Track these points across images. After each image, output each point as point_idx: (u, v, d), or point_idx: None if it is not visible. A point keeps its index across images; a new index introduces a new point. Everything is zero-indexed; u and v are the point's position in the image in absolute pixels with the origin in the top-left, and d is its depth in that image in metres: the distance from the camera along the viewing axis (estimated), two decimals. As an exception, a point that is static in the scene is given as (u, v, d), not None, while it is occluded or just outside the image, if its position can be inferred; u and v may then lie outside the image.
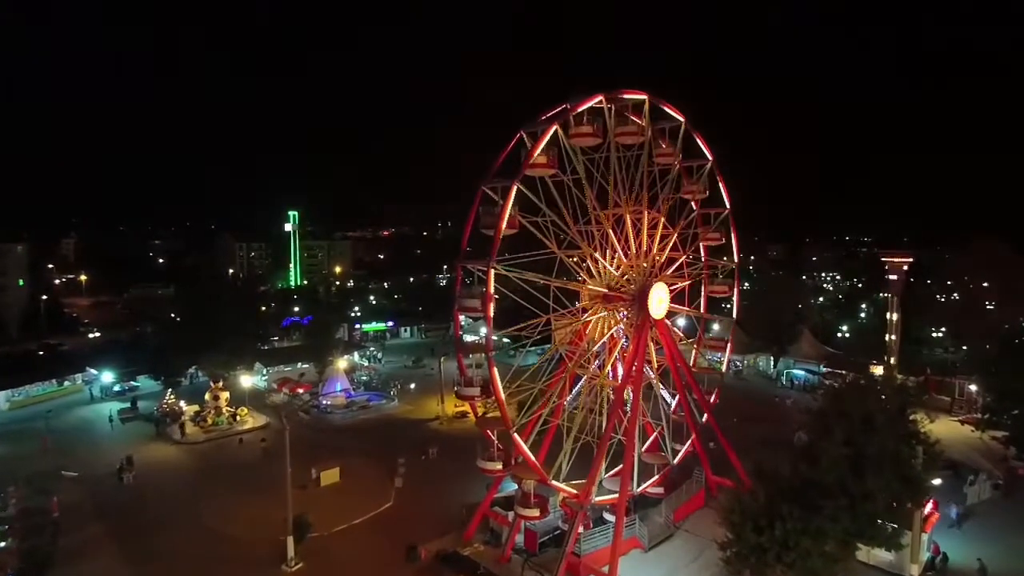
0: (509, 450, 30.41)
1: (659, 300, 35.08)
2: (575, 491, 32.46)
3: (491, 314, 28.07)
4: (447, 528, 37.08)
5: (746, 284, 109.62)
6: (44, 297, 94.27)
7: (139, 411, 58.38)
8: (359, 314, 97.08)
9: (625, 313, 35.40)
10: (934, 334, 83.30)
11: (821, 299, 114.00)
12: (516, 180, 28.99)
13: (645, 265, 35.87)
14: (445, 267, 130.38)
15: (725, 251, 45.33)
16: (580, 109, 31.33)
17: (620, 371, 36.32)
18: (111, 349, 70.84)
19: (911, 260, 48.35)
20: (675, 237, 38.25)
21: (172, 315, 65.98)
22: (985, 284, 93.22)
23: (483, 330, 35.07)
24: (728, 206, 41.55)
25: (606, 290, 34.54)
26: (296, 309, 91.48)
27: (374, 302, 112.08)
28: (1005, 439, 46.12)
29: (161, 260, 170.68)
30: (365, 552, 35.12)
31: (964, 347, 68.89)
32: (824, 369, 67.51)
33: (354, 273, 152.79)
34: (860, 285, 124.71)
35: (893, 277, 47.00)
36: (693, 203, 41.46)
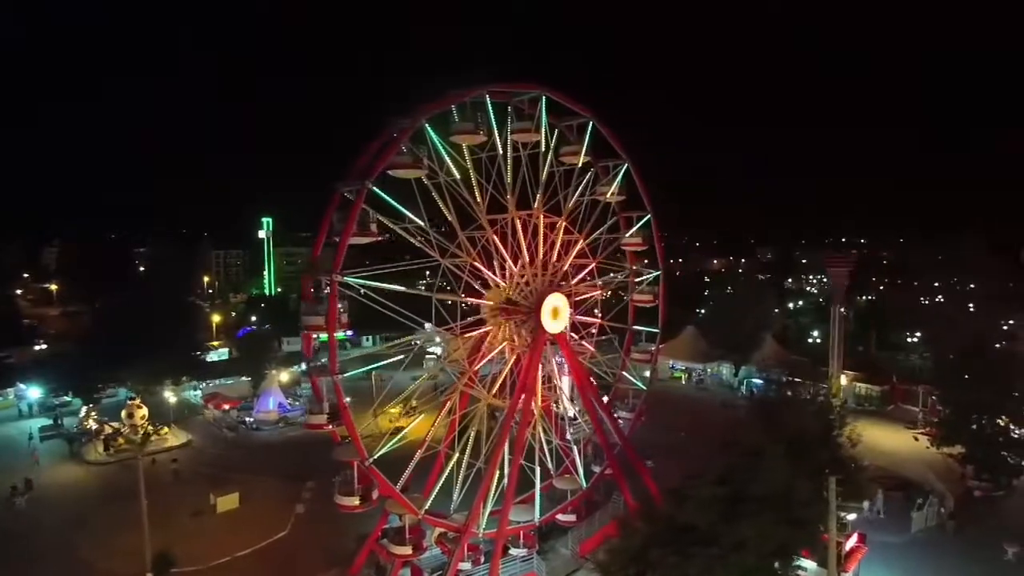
0: (373, 481, 27.45)
1: (556, 312, 32.02)
2: (455, 524, 29.44)
3: (335, 332, 25.22)
4: (338, 561, 34.18)
5: (728, 289, 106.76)
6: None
7: (62, 429, 55.81)
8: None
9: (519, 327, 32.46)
10: (911, 339, 79.93)
11: (801, 303, 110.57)
12: (368, 182, 26.08)
13: (539, 274, 32.79)
14: (427, 272, 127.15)
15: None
16: (453, 105, 28.39)
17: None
18: (52, 362, 68.20)
19: (852, 264, 44.87)
20: (582, 243, 35.19)
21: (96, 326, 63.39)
22: (972, 286, 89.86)
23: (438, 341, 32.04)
24: (649, 209, 38.44)
25: (491, 302, 31.62)
26: (253, 319, 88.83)
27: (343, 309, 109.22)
28: (961, 456, 42.68)
29: (142, 268, 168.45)
30: (236, 591, 32.32)
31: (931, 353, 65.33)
32: (786, 378, 64.13)
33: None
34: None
35: (836, 283, 43.47)
36: (616, 207, 38.58)
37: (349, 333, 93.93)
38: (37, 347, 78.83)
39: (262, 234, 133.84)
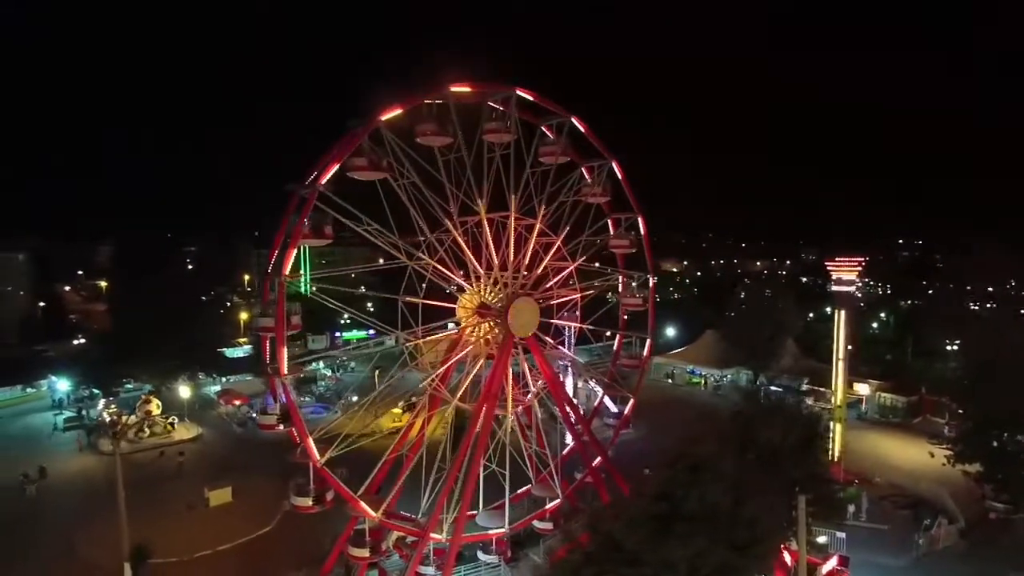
0: (327, 484, 27.48)
1: (525, 316, 31.38)
2: (414, 528, 29.22)
3: (284, 334, 25.35)
4: (313, 560, 34.44)
5: (765, 291, 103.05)
6: (41, 304, 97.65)
7: (84, 420, 58.33)
8: (347, 322, 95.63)
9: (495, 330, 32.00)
10: (950, 347, 75.36)
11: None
12: (319, 184, 26.12)
13: (512, 277, 32.22)
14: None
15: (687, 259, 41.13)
16: (413, 106, 28.21)
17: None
18: (83, 356, 71.35)
19: (859, 266, 42.19)
20: (559, 245, 34.43)
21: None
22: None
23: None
24: (636, 210, 37.38)
25: (463, 306, 31.32)
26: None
27: (372, 309, 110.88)
28: (978, 475, 39.90)
29: (191, 266, 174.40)
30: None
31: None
32: (806, 386, 61.63)
33: (369, 279, 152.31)
34: (889, 291, 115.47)
35: (840, 288, 40.99)
36: (604, 208, 37.73)
37: (371, 333, 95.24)
38: (76, 341, 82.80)
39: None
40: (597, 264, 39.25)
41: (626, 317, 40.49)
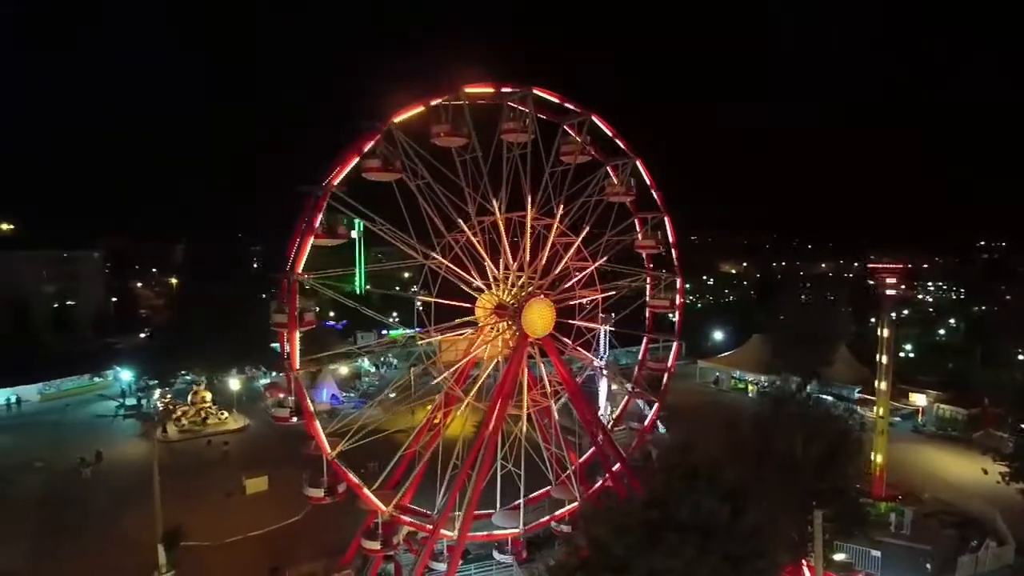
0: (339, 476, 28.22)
1: (540, 317, 31.26)
2: (424, 524, 29.60)
3: (296, 331, 26.16)
4: (335, 550, 35.38)
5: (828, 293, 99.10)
6: (114, 299, 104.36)
7: (142, 409, 61.83)
8: (396, 319, 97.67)
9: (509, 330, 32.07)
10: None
11: (906, 312, 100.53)
12: (330, 186, 26.82)
13: (528, 277, 32.16)
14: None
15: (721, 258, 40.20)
16: (426, 106, 28.56)
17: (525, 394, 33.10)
18: (145, 349, 75.59)
19: (901, 272, 39.75)
20: (579, 245, 34.12)
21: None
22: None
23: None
24: (662, 210, 36.64)
25: (481, 306, 31.57)
26: (331, 314, 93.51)
27: (420, 307, 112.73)
28: (1033, 494, 37.08)
29: (256, 265, 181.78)
30: (236, 567, 34.62)
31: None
32: (858, 394, 58.80)
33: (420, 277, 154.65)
34: (962, 297, 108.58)
35: (889, 292, 38.62)
36: (630, 207, 37.16)
37: (418, 330, 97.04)
38: (142, 335, 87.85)
39: (354, 234, 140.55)
40: (651, 266, 38.53)
41: (675, 318, 39.69)
